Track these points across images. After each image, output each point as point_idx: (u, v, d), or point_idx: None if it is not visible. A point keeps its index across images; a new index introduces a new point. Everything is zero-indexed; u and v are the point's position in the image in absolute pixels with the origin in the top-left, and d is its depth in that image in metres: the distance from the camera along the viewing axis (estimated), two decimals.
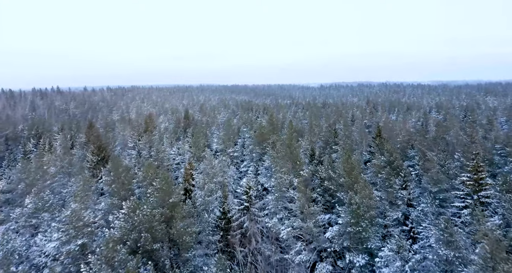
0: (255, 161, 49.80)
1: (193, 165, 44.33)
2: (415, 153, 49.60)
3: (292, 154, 37.20)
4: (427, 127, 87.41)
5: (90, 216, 30.67)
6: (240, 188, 37.80)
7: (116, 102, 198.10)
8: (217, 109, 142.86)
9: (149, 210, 24.78)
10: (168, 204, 26.70)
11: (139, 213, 23.61)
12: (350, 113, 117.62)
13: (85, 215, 30.26)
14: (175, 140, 70.86)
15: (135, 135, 73.05)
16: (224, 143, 58.11)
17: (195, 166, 44.71)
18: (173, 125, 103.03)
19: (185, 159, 54.42)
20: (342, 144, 48.91)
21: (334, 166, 35.15)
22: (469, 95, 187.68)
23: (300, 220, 29.84)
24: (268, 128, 57.87)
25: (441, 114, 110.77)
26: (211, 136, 79.49)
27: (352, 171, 31.95)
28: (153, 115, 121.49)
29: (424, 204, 34.26)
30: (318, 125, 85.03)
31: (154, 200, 27.39)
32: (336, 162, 42.32)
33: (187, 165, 44.38)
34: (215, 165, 46.40)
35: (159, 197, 27.35)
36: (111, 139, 79.39)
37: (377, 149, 46.03)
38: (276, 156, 37.74)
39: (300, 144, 52.39)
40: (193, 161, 52.08)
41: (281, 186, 34.67)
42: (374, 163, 41.78)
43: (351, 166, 32.35)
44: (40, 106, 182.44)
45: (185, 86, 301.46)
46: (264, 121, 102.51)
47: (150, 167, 32.16)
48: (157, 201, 27.12)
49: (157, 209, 26.07)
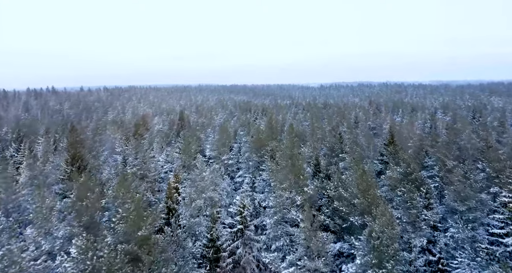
0: (252, 171, 43.68)
1: (179, 177, 38.21)
2: (433, 162, 43.51)
3: (294, 166, 31.13)
4: (436, 130, 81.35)
5: (45, 248, 24.59)
6: (233, 206, 31.77)
7: (112, 103, 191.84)
8: (215, 109, 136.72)
9: (109, 249, 18.67)
10: (137, 238, 20.60)
11: (92, 255, 17.54)
12: (352, 114, 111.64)
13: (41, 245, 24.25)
14: (165, 144, 64.70)
15: (123, 138, 66.85)
16: (218, 149, 51.99)
17: (182, 178, 38.58)
18: (167, 127, 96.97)
19: (173, 167, 48.26)
20: (350, 152, 42.81)
21: (345, 182, 29.04)
22: (473, 95, 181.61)
23: (306, 258, 23.71)
24: (267, 133, 51.77)
25: (448, 116, 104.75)
26: (206, 139, 73.40)
27: (368, 190, 25.87)
28: (147, 116, 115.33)
29: (454, 228, 28.26)
30: (320, 128, 79.02)
31: (120, 231, 21.30)
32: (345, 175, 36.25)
33: (173, 178, 38.30)
34: (206, 176, 40.31)
35: (127, 228, 21.23)
36: (98, 143, 73.31)
37: (391, 158, 39.96)
38: (276, 169, 31.66)
39: (302, 151, 46.32)
40: (182, 170, 45.94)
41: (282, 206, 28.59)
42: (389, 176, 35.71)
43: (366, 184, 26.27)
44: (33, 106, 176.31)
45: (183, 86, 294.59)
46: (262, 123, 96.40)
47: (123, 182, 26.09)
48: (123, 234, 21.04)
49: (122, 244, 19.96)
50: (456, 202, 32.14)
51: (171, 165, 49.21)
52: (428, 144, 61.49)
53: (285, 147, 32.93)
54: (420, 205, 29.84)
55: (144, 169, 44.91)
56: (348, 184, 28.53)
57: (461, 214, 31.44)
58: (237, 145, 59.80)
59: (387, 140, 43.81)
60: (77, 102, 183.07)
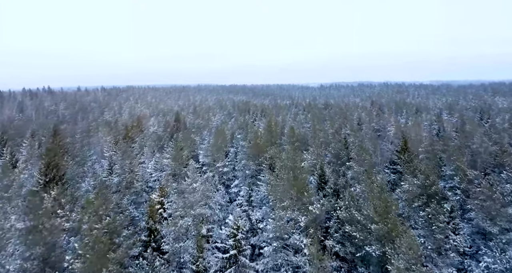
0: (248, 182, 38.73)
1: (165, 190, 33.33)
2: (451, 171, 38.61)
3: (296, 180, 26.26)
4: (444, 132, 76.48)
5: None
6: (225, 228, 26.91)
7: (108, 103, 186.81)
8: (213, 110, 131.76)
9: None
10: None
11: None
12: (355, 115, 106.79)
13: None
14: (157, 148, 59.75)
15: (112, 142, 61.97)
16: (213, 155, 47.09)
17: (170, 190, 33.66)
18: (162, 129, 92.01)
19: (162, 176, 43.29)
20: (358, 160, 37.93)
21: (358, 200, 24.14)
22: (476, 95, 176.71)
23: None
24: (266, 137, 46.91)
25: (455, 117, 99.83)
26: (202, 142, 68.50)
27: (388, 213, 21.02)
28: (143, 117, 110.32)
29: (488, 257, 23.44)
30: (323, 130, 74.18)
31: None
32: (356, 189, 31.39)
33: (157, 191, 33.44)
34: (197, 187, 35.43)
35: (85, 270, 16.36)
36: (87, 147, 68.39)
37: (405, 167, 35.10)
38: (275, 184, 26.78)
39: (305, 158, 41.47)
40: (170, 180, 41.03)
41: (282, 230, 23.73)
42: (406, 190, 30.88)
43: (385, 205, 21.42)
44: (28, 107, 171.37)
45: (182, 86, 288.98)
46: (261, 124, 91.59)
47: (90, 203, 21.22)
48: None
49: None
50: (486, 222, 27.33)
51: (160, 173, 44.29)
52: (439, 148, 56.72)
53: (285, 157, 28.04)
54: (444, 225, 25.01)
55: (128, 179, 39.98)
56: (361, 203, 23.66)
57: (491, 236, 26.65)
58: (233, 149, 54.94)
59: (400, 147, 38.88)
60: (73, 103, 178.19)
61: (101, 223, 20.90)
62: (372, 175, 28.38)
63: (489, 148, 55.53)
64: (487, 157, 53.49)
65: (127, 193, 39.89)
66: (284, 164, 27.57)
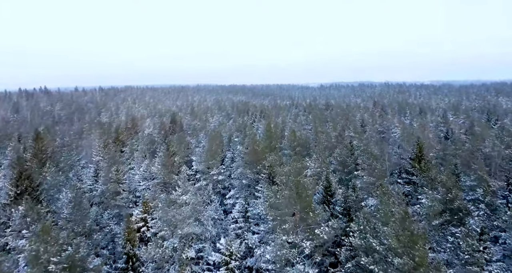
0: (245, 194, 34.47)
1: (149, 206, 29.12)
2: (472, 181, 34.36)
3: (299, 197, 22.08)
4: (452, 135, 72.29)
5: None
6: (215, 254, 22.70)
7: (106, 103, 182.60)
8: (211, 111, 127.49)
9: None
10: None
11: None
12: (357, 116, 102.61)
13: None
14: (150, 153, 55.43)
15: (101, 145, 57.76)
16: (207, 161, 42.85)
17: (154, 205, 29.46)
18: (158, 130, 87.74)
19: (150, 186, 39.00)
20: (367, 168, 33.72)
21: (375, 223, 19.95)
22: (479, 95, 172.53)
23: None
24: (264, 143, 42.70)
25: (461, 118, 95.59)
26: (198, 145, 64.23)
27: (415, 244, 16.84)
28: (138, 119, 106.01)
29: None
30: (325, 132, 70.09)
31: None
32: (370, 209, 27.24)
33: (141, 207, 29.26)
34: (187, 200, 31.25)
35: None
36: (75, 151, 64.15)
37: (422, 178, 30.91)
38: (275, 202, 22.57)
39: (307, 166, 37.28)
40: (159, 190, 36.84)
41: (284, 260, 19.55)
42: (425, 206, 26.68)
43: (411, 233, 17.24)
44: (23, 107, 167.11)
45: (180, 86, 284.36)
46: (261, 126, 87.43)
47: (45, 232, 17.09)
48: None
49: None
50: None
51: (148, 182, 39.99)
52: (450, 153, 52.59)
53: (287, 171, 23.83)
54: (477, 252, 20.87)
55: (110, 189, 35.75)
56: (379, 228, 19.46)
57: None
58: (230, 154, 50.74)
59: (413, 154, 34.59)
60: (69, 103, 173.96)
61: (61, 255, 16.73)
62: (388, 190, 24.21)
63: (502, 152, 51.45)
64: (500, 162, 49.43)
65: (110, 204, 35.72)
66: (286, 178, 23.36)
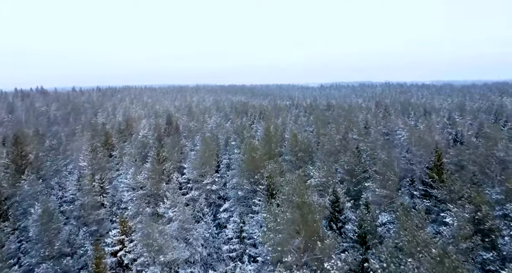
0: (241, 210, 30.21)
1: (127, 225, 24.86)
2: (499, 194, 30.09)
3: (305, 223, 17.91)
4: (461, 137, 68.11)
5: None
6: None
7: (103, 104, 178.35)
8: (209, 111, 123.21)
9: None
10: None
11: None
12: (360, 117, 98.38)
13: None
14: (140, 158, 51.14)
15: (89, 150, 53.45)
16: (200, 169, 38.58)
17: (134, 226, 25.22)
18: (152, 132, 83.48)
19: (135, 198, 34.69)
20: (380, 180, 29.51)
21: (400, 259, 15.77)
22: (483, 96, 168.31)
23: None
24: (263, 148, 38.44)
25: (468, 119, 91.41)
26: (193, 148, 60.03)
27: None
28: (133, 120, 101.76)
29: None
30: (328, 135, 65.95)
31: None
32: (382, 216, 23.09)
33: (119, 228, 25.04)
34: (174, 216, 27.08)
35: None
36: (61, 156, 59.89)
37: (444, 191, 26.72)
38: (275, 228, 18.36)
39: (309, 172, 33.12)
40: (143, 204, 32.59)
41: None
42: (451, 226, 22.52)
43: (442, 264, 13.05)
44: (18, 108, 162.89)
45: (179, 86, 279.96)
46: (260, 127, 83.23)
47: None
48: None
49: None
50: None
51: (134, 192, 35.66)
52: (465, 158, 48.42)
53: (289, 188, 19.58)
54: None
55: (90, 202, 31.52)
56: (405, 264, 15.24)
57: None
58: (226, 160, 46.57)
59: (432, 163, 30.30)
60: (65, 103, 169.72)
61: None
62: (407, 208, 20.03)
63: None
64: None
65: (89, 220, 31.50)
66: (288, 197, 19.15)
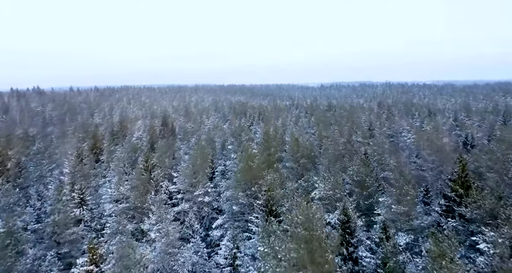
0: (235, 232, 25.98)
1: (96, 252, 20.59)
2: None
3: (313, 260, 13.81)
4: (472, 140, 63.91)
5: None
6: None
7: (100, 104, 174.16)
8: (207, 112, 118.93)
9: None
10: None
11: None
12: (363, 118, 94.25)
13: None
14: (129, 164, 46.87)
15: (74, 155, 49.29)
16: (191, 177, 34.39)
17: (107, 251, 21.06)
18: (146, 134, 79.26)
19: (117, 211, 30.52)
20: (396, 194, 25.36)
21: None
22: (486, 96, 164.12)
23: None
24: (261, 156, 34.28)
25: (475, 120, 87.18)
26: (188, 151, 55.82)
27: None
28: (127, 120, 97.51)
29: None
30: (331, 137, 61.85)
31: None
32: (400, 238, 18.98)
33: (88, 256, 20.88)
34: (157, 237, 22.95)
35: None
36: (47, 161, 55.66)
37: (473, 210, 22.60)
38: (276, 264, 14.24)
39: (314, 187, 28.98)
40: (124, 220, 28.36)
41: None
42: (487, 253, 18.45)
43: None
44: (13, 108, 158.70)
45: (178, 86, 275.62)
46: (259, 129, 79.09)
47: None
48: None
49: None
50: None
51: (116, 205, 31.49)
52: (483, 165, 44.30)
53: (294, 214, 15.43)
54: None
55: (63, 219, 27.34)
56: None
57: None
58: (222, 167, 42.40)
59: (456, 175, 25.99)
60: (61, 103, 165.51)
61: None
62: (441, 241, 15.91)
63: None
64: None
65: (63, 237, 27.34)
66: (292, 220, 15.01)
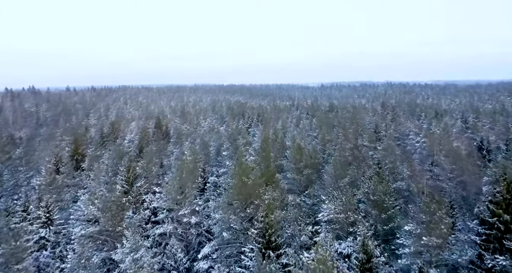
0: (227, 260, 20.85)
1: None
2: None
3: None
4: (488, 145, 58.69)
5: None
6: None
7: (96, 104, 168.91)
8: (204, 113, 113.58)
9: None
10: None
11: None
12: (367, 120, 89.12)
13: None
14: (113, 173, 41.65)
15: (52, 162, 44.09)
16: (175, 194, 29.06)
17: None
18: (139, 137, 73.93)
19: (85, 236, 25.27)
20: (426, 221, 20.15)
21: None
22: (491, 96, 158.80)
23: None
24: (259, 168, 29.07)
25: (486, 122, 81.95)
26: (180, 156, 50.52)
27: None
28: (120, 122, 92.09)
29: None
30: (334, 141, 56.87)
31: None
32: None
33: None
34: None
35: None
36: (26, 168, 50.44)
37: None
38: None
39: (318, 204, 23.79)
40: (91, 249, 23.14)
41: None
42: None
43: None
44: (7, 108, 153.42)
45: (177, 86, 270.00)
46: (257, 132, 73.99)
47: None
48: None
49: None
50: None
51: (85, 228, 26.23)
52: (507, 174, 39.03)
53: None
54: None
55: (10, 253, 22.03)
56: None
57: None
58: (214, 178, 37.18)
59: (500, 195, 20.74)
60: (56, 104, 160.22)
61: None
62: None
63: None
64: None
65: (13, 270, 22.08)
66: None
